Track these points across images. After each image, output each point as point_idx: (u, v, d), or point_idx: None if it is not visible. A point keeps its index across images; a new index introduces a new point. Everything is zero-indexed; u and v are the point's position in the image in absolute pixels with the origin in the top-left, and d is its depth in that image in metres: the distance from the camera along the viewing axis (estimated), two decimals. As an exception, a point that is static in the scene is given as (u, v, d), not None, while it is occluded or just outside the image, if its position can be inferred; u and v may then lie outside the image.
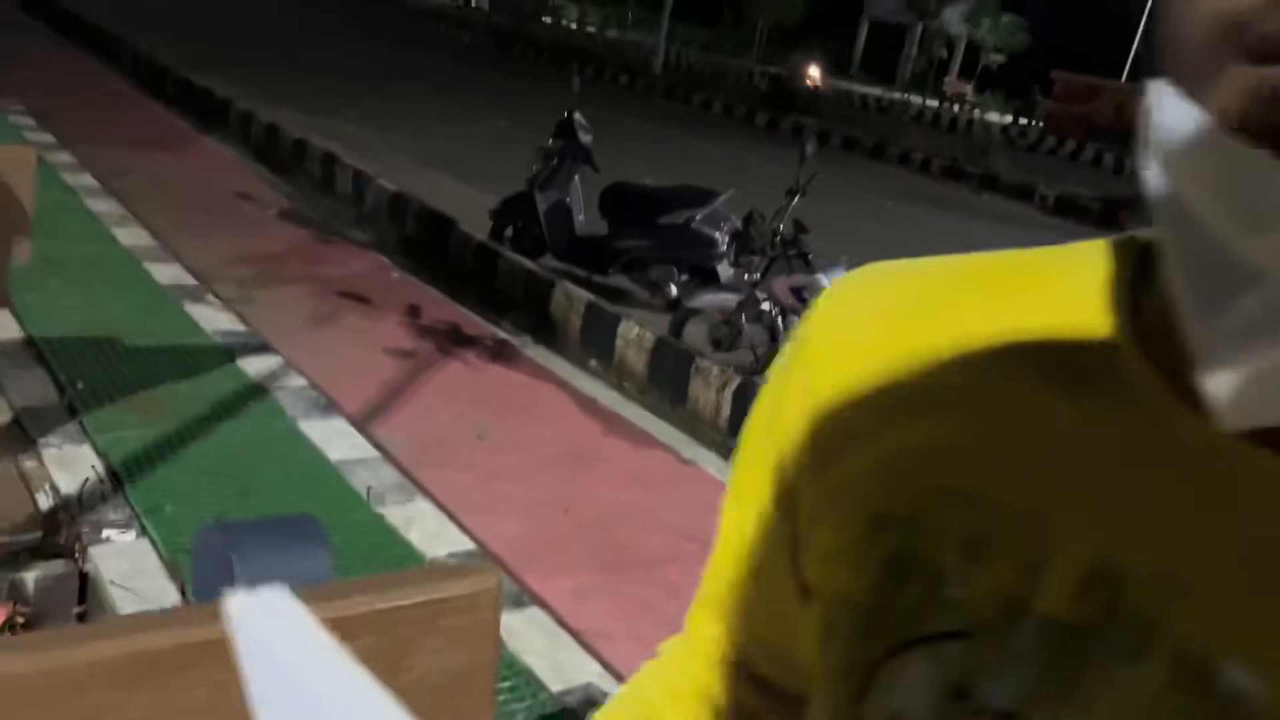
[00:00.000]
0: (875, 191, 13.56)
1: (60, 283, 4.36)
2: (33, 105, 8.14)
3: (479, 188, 8.04)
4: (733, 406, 4.75)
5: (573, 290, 5.73)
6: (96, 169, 6.61)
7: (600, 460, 4.34)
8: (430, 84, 16.43)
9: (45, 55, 11.70)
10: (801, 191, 5.27)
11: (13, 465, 3.01)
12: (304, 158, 8.44)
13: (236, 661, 0.36)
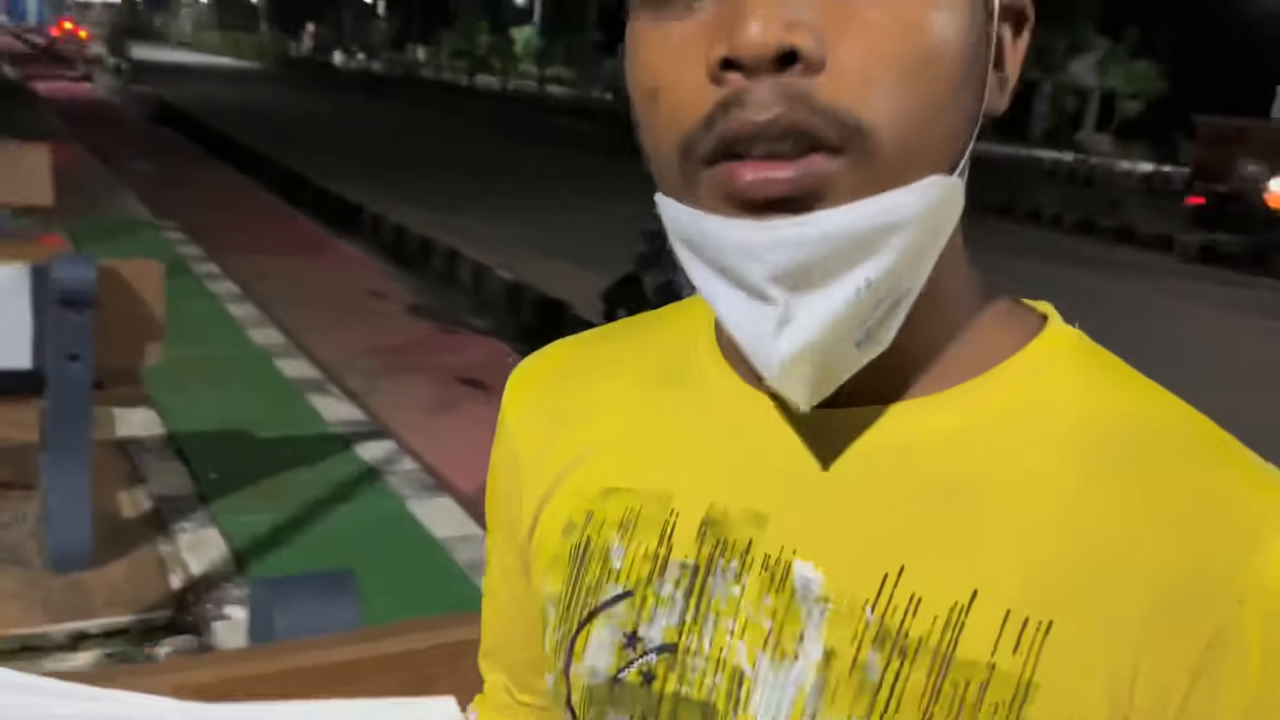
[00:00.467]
0: (1000, 250, 13.29)
1: (199, 382, 4.73)
2: (186, 220, 8.86)
3: (598, 273, 8.28)
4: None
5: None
6: (238, 276, 7.15)
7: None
8: (552, 175, 17.08)
9: (200, 173, 12.74)
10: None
11: (150, 550, 3.28)
12: (429, 253, 8.90)
13: None
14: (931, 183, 0.46)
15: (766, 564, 0.52)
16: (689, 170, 0.46)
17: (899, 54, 0.44)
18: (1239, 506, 0.48)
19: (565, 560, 0.59)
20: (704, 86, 0.44)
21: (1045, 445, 0.50)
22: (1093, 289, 11.27)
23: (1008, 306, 0.55)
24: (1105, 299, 10.74)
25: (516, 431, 0.65)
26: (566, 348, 0.67)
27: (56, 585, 3.01)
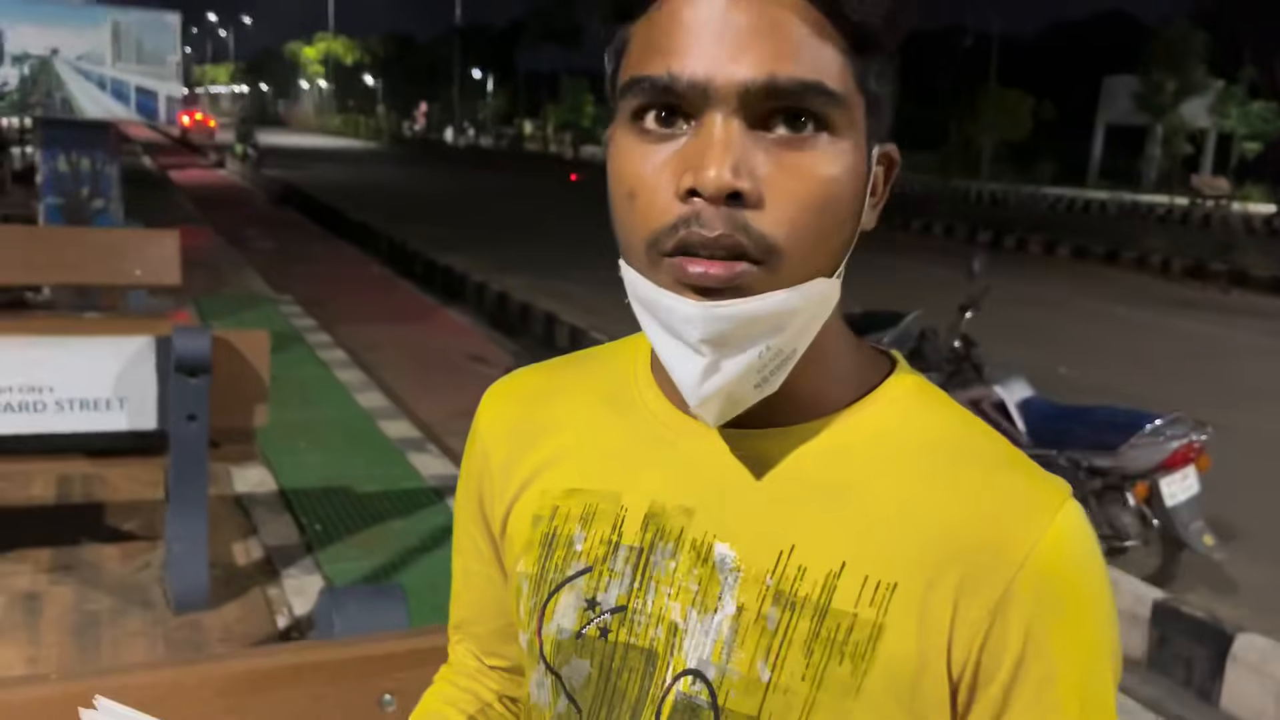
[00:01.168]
0: (1105, 298, 13.05)
1: (308, 442, 5.09)
2: (302, 294, 9.44)
3: (688, 331, 8.48)
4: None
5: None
6: (348, 344, 7.60)
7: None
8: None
9: (317, 249, 13.50)
10: (975, 306, 5.33)
11: (261, 593, 3.58)
12: (528, 319, 9.27)
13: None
14: (817, 284, 0.65)
15: (694, 545, 0.71)
16: (653, 256, 0.64)
17: (807, 200, 0.63)
18: (1024, 500, 0.68)
19: (536, 545, 0.78)
20: (671, 200, 0.62)
21: (893, 457, 0.70)
22: (1202, 334, 10.96)
23: (869, 356, 0.76)
24: (1214, 343, 10.43)
25: (488, 441, 0.84)
26: (530, 374, 0.86)
27: (176, 624, 3.32)
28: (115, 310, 5.62)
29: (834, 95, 0.63)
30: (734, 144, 0.61)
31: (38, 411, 3.20)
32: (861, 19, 0.63)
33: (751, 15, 0.61)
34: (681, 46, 0.62)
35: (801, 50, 0.62)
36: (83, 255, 5.14)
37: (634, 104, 0.64)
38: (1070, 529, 0.68)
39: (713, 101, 0.61)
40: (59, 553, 3.76)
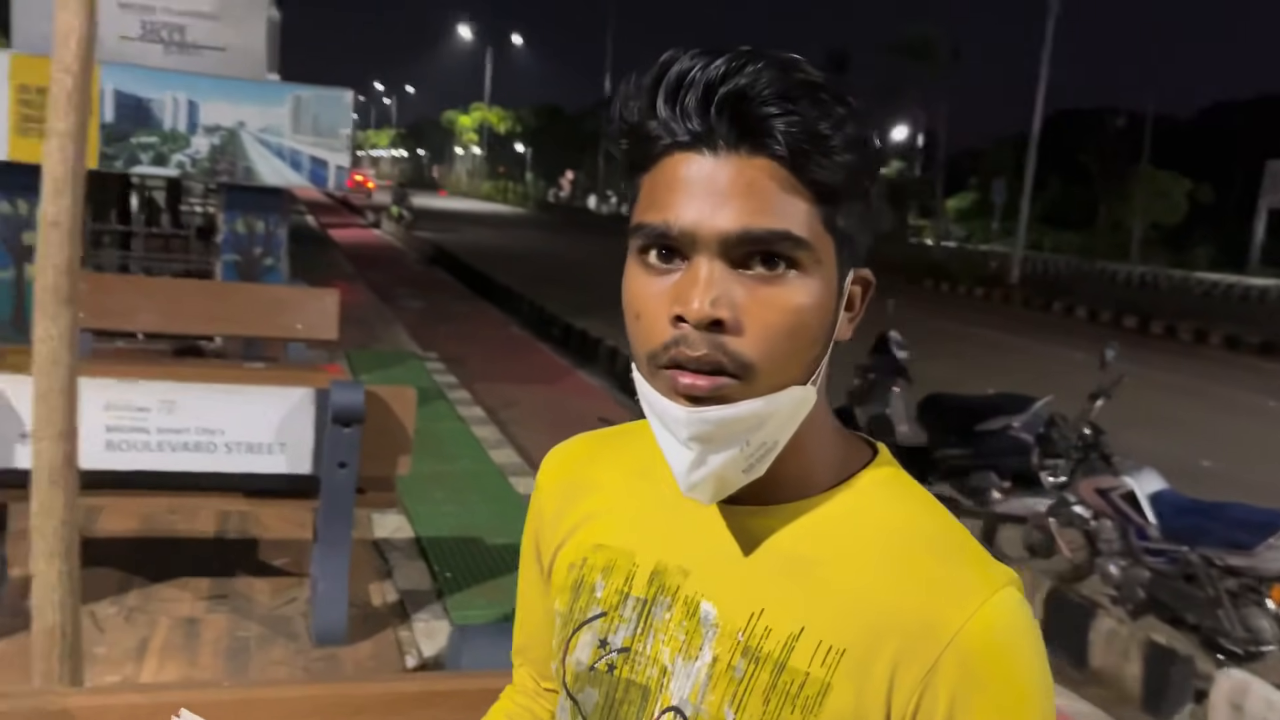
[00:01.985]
0: (1257, 390, 12.44)
1: (443, 493, 5.38)
2: (446, 352, 9.90)
3: (815, 404, 8.52)
4: (1045, 614, 4.69)
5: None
6: (486, 402, 7.95)
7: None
8: (784, 311, 17.48)
9: (462, 309, 14.08)
10: (1106, 395, 5.25)
11: (393, 634, 3.81)
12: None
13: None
14: (790, 391, 0.78)
15: (686, 601, 0.86)
16: (652, 368, 0.77)
17: (778, 326, 0.76)
18: (961, 584, 0.79)
19: (568, 589, 0.93)
20: (666, 324, 0.76)
21: (856, 539, 0.83)
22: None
23: (853, 446, 0.88)
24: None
25: (544, 496, 1.00)
26: (581, 441, 1.02)
27: (316, 656, 3.57)
28: (277, 360, 6.06)
29: (801, 241, 0.75)
30: (715, 281, 0.75)
31: (209, 452, 3.54)
32: (824, 179, 0.76)
33: (731, 176, 0.75)
34: (676, 202, 0.76)
35: (772, 204, 0.75)
36: (253, 309, 5.61)
37: (639, 243, 0.79)
38: (1000, 613, 0.78)
39: (699, 246, 0.75)
40: (216, 582, 4.09)
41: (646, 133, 0.78)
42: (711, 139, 0.75)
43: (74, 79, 2.29)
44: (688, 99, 0.75)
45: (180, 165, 6.77)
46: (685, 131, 0.75)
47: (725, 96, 0.74)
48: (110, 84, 6.48)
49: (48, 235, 2.27)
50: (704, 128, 0.75)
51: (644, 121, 0.78)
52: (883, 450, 0.89)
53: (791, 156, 0.74)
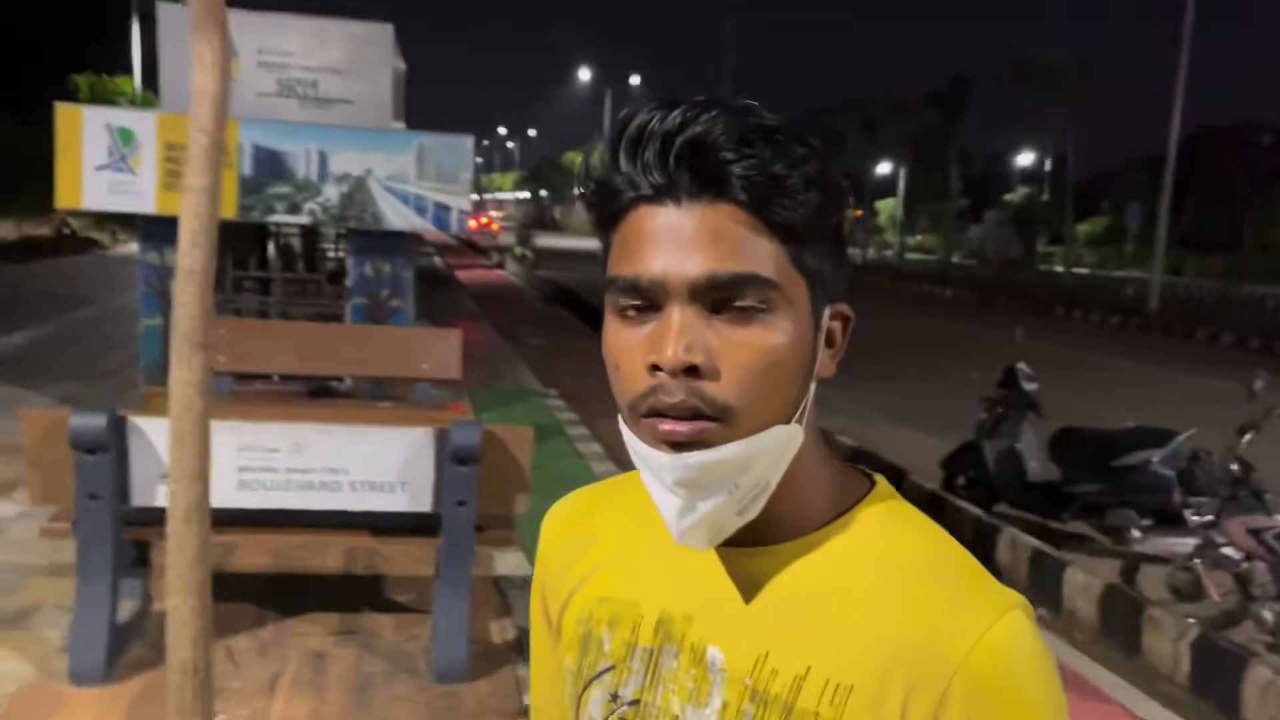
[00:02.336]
0: None
1: (563, 531, 5.40)
2: (566, 389, 10.02)
3: (943, 439, 8.30)
4: (1192, 660, 4.43)
5: (1019, 537, 5.75)
6: (605, 439, 7.99)
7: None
8: (905, 342, 17.19)
9: (582, 346, 14.25)
10: (1255, 428, 4.95)
11: (511, 671, 3.84)
12: (777, 420, 9.36)
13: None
14: (774, 431, 0.78)
15: (693, 648, 0.85)
16: (634, 416, 0.79)
17: (753, 367, 0.76)
18: (965, 610, 0.78)
19: (576, 645, 0.93)
20: (643, 373, 0.77)
21: (857, 572, 0.82)
22: None
23: (848, 479, 0.87)
24: None
25: (547, 553, 1.00)
26: (582, 495, 1.02)
27: (438, 693, 3.62)
28: (404, 399, 6.24)
29: (768, 281, 0.76)
30: (687, 328, 0.75)
31: (335, 490, 3.65)
32: (787, 219, 0.76)
33: (695, 224, 0.76)
34: (644, 253, 0.77)
35: (738, 249, 0.76)
36: (380, 351, 5.80)
37: (614, 296, 0.80)
38: (1008, 636, 0.77)
39: (669, 294, 0.76)
40: (344, 618, 4.20)
41: (611, 188, 0.79)
42: (673, 190, 0.76)
43: (209, 138, 2.41)
44: (647, 152, 0.76)
45: (312, 213, 7.07)
46: (648, 185, 0.77)
47: (683, 146, 0.75)
48: (248, 139, 6.83)
49: (183, 284, 2.39)
50: (665, 179, 0.76)
51: (608, 178, 0.79)
52: (880, 481, 0.88)
53: (751, 200, 0.75)
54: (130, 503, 3.55)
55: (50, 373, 9.70)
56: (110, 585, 3.54)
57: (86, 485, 3.38)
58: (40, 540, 4.28)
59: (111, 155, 6.65)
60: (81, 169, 6.64)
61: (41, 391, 8.67)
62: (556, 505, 1.03)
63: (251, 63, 7.12)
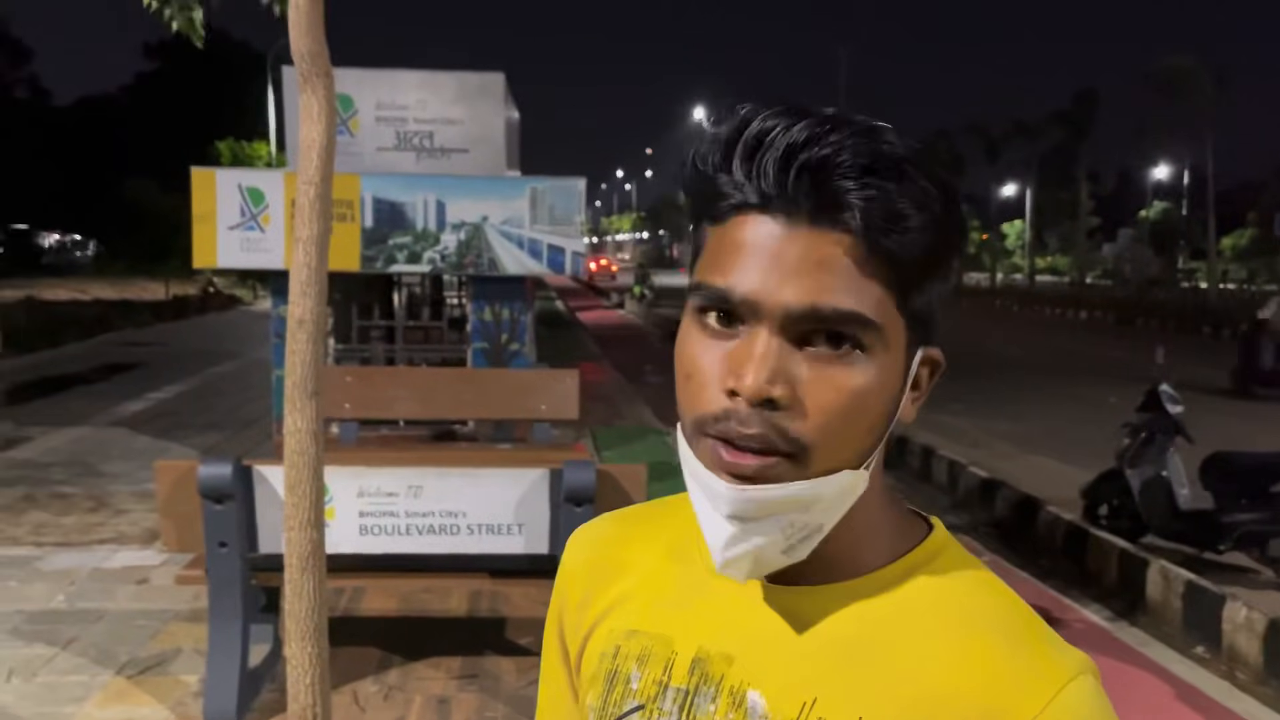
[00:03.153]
0: None
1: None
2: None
3: (1080, 466, 7.91)
4: (1377, 704, 4.05)
5: (1170, 569, 5.40)
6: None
7: (1198, 756, 3.98)
8: (1037, 367, 16.56)
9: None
10: None
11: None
12: (903, 451, 9.10)
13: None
14: (841, 476, 0.72)
15: (731, 691, 0.78)
16: (697, 434, 0.73)
17: (838, 408, 0.71)
18: (1030, 671, 0.72)
19: (600, 681, 0.85)
20: (718, 393, 0.71)
21: (913, 620, 0.76)
22: None
23: (907, 523, 0.81)
24: None
25: (569, 581, 0.92)
26: (609, 521, 0.94)
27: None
28: (525, 441, 6.29)
29: (871, 323, 0.71)
30: (772, 356, 0.70)
31: (453, 534, 3.66)
32: (903, 255, 0.70)
33: (802, 249, 0.70)
34: (740, 265, 0.71)
35: (844, 283, 0.70)
36: (500, 394, 5.86)
37: (698, 302, 0.74)
38: (1075, 703, 0.70)
39: (760, 317, 0.70)
40: (467, 661, 4.21)
41: (717, 187, 0.73)
42: (786, 203, 0.70)
43: (316, 189, 2.46)
44: (765, 159, 0.70)
45: (432, 261, 7.24)
46: (758, 193, 0.71)
47: (805, 162, 0.69)
48: (369, 192, 7.05)
49: (294, 333, 2.43)
50: (779, 191, 0.70)
51: (717, 175, 0.73)
52: (938, 526, 0.82)
53: (868, 233, 0.70)
54: (259, 549, 3.64)
55: (193, 425, 10.17)
56: (241, 630, 3.62)
57: (215, 533, 3.47)
58: (178, 587, 4.44)
59: (243, 215, 6.95)
60: (216, 229, 6.96)
61: (185, 443, 9.09)
62: (581, 529, 0.96)
63: (370, 118, 7.37)
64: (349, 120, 7.34)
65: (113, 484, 7.58)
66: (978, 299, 39.28)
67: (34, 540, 6.06)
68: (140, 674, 4.11)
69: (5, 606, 4.91)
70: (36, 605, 4.94)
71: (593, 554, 0.93)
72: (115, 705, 3.84)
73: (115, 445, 9.10)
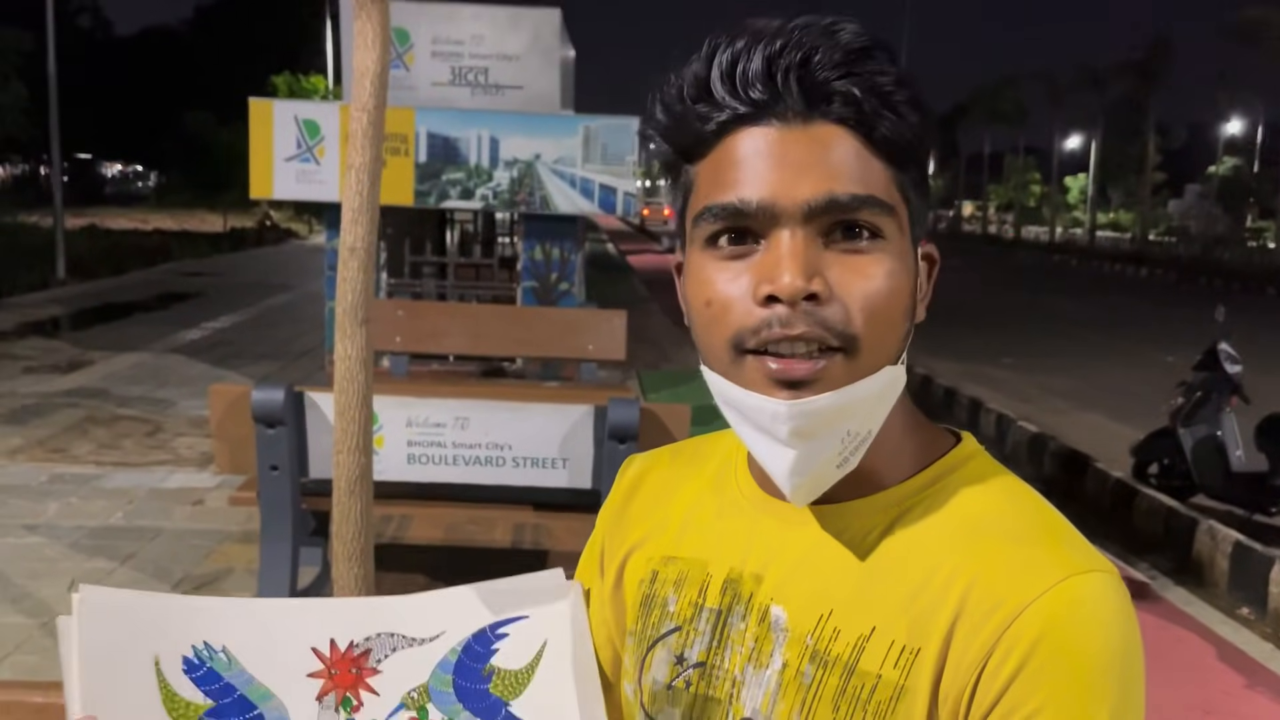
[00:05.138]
0: None
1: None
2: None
3: (1134, 425, 7.79)
4: None
5: (1218, 529, 5.32)
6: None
7: (1235, 716, 3.96)
8: (1093, 324, 16.26)
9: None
10: None
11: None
12: (952, 404, 9.02)
13: None
14: (886, 371, 0.73)
15: (759, 608, 0.80)
16: (735, 355, 0.73)
17: (875, 294, 0.72)
18: (1038, 565, 0.71)
19: (639, 606, 0.89)
20: (751, 307, 0.71)
21: (930, 529, 0.76)
22: None
23: (932, 435, 0.82)
24: None
25: (617, 505, 0.96)
26: (661, 453, 0.98)
27: (596, 669, 3.64)
28: (572, 380, 6.33)
29: (886, 205, 0.72)
30: (803, 253, 0.70)
31: (498, 466, 3.71)
32: (896, 138, 0.72)
33: (804, 145, 0.71)
34: (746, 178, 0.71)
35: (852, 170, 0.71)
36: (548, 332, 5.89)
37: (708, 229, 0.73)
38: (1081, 594, 0.69)
39: (780, 220, 0.71)
40: (508, 591, 4.28)
41: (699, 115, 0.73)
42: (777, 107, 0.71)
43: (369, 115, 2.47)
44: (748, 73, 0.71)
45: (484, 198, 7.25)
46: (748, 103, 0.71)
47: (788, 65, 0.71)
48: (423, 127, 7.06)
49: (345, 260, 2.45)
50: (769, 95, 0.71)
51: (695, 105, 0.73)
52: (967, 438, 0.82)
53: (860, 118, 0.71)
54: (309, 474, 3.72)
55: (248, 354, 10.37)
56: (290, 552, 3.72)
57: (267, 457, 3.55)
58: (231, 509, 4.57)
59: (299, 146, 7.01)
60: (273, 160, 7.03)
61: (239, 371, 9.28)
62: (633, 458, 0.99)
63: (426, 52, 7.35)
64: (404, 54, 7.33)
65: (170, 409, 7.79)
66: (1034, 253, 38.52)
67: (95, 460, 6.26)
68: (195, 590, 4.25)
69: (67, 522, 5.09)
70: (97, 521, 5.12)
71: (640, 482, 0.96)
72: (170, 619, 3.99)
73: (173, 372, 9.32)
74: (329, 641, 0.81)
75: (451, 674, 0.84)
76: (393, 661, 0.82)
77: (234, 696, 0.75)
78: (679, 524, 0.89)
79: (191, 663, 0.75)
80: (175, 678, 0.73)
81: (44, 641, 3.76)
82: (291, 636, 0.79)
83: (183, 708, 0.73)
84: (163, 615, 0.76)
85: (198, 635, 0.76)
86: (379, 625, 0.83)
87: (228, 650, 0.76)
